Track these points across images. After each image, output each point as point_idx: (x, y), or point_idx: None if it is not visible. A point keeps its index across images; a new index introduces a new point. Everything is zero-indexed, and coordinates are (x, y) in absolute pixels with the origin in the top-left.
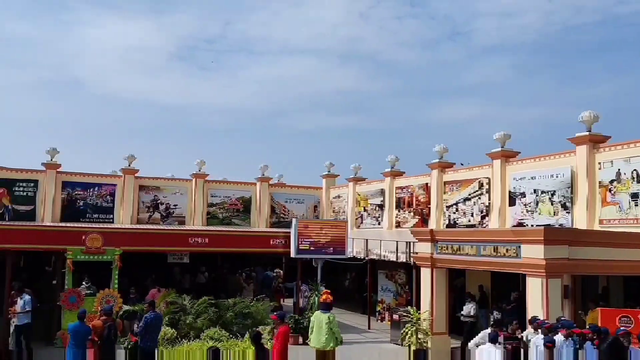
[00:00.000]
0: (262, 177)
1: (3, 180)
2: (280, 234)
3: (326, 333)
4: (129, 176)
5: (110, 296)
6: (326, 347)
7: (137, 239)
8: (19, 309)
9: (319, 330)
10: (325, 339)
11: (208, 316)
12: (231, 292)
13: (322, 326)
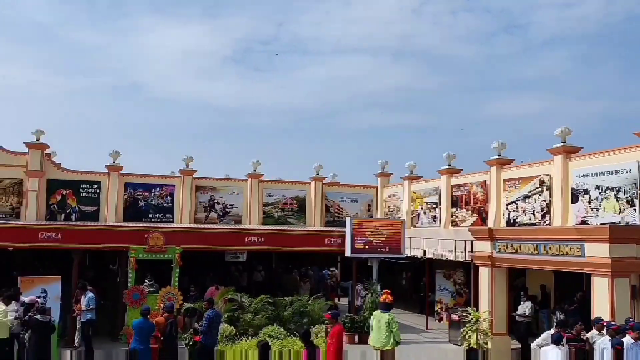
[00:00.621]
0: (316, 177)
1: (69, 182)
2: (335, 233)
3: (386, 332)
4: (187, 177)
5: (172, 294)
6: (385, 346)
7: (196, 238)
8: (83, 307)
9: (378, 330)
10: (385, 338)
11: (266, 314)
12: (287, 290)
13: (381, 326)
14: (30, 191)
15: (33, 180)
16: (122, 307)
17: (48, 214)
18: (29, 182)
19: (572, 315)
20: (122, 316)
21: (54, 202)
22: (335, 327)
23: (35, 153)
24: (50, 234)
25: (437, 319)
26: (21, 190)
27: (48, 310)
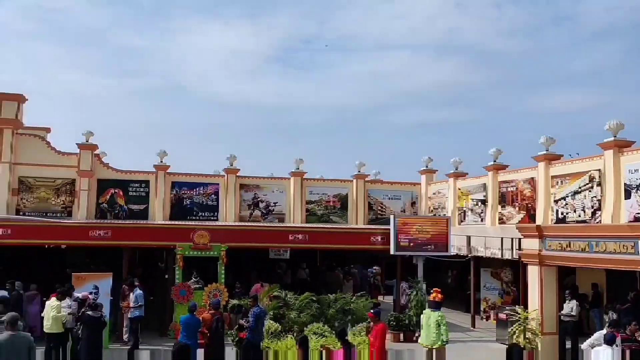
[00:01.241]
0: (359, 174)
1: (119, 181)
2: (379, 231)
3: (435, 331)
4: (231, 175)
5: (218, 290)
6: (435, 344)
7: (240, 236)
8: (131, 303)
9: (428, 328)
10: (434, 336)
11: (310, 312)
12: (331, 288)
13: (431, 324)
14: (81, 190)
15: (84, 180)
16: (170, 303)
17: (98, 213)
18: (80, 181)
19: (625, 315)
20: (170, 312)
21: (104, 201)
22: (378, 325)
23: (85, 154)
24: (101, 232)
25: (484, 317)
26: (73, 189)
27: (100, 306)
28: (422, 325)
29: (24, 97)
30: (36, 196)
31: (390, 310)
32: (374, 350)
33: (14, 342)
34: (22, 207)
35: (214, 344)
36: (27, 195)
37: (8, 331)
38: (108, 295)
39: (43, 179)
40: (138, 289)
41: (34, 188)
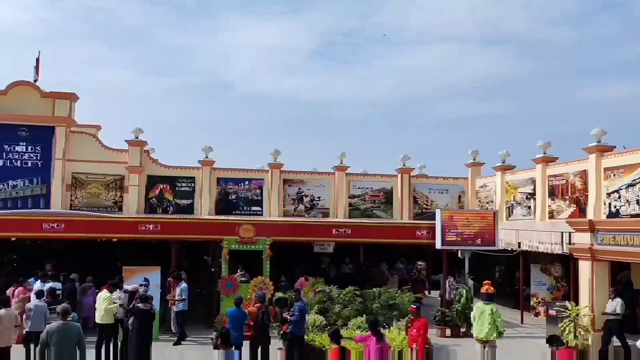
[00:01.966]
0: (403, 168)
1: (166, 177)
2: (424, 225)
3: (489, 324)
4: (275, 170)
5: (263, 283)
6: (489, 337)
7: (284, 230)
8: (176, 296)
9: (481, 321)
10: (488, 329)
11: (355, 306)
12: (375, 283)
13: (484, 317)
14: (130, 186)
15: (133, 175)
16: (217, 296)
17: (147, 207)
18: (130, 177)
19: None
20: (217, 305)
21: (153, 196)
22: (420, 320)
23: (135, 150)
24: (149, 226)
25: (533, 313)
26: (123, 185)
27: (150, 299)
28: (475, 318)
29: (76, 95)
30: (88, 192)
31: (436, 305)
32: (417, 343)
33: (65, 331)
34: (75, 203)
35: (260, 337)
36: (79, 191)
37: (59, 321)
38: (158, 287)
39: (94, 175)
40: (183, 282)
41: (86, 184)
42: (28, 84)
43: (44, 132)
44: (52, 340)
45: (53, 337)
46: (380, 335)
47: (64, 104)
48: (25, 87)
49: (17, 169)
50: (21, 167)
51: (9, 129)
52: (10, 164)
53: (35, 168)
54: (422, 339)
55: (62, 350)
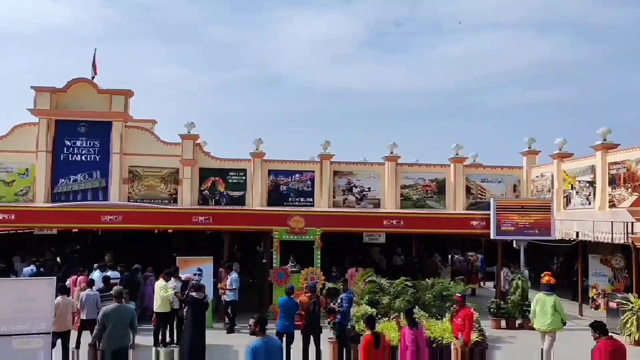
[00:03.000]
0: (456, 157)
1: (218, 170)
2: (478, 216)
3: (551, 315)
4: (325, 162)
5: (314, 274)
6: (551, 328)
7: (335, 221)
8: (227, 286)
9: (543, 312)
10: (550, 320)
11: (406, 297)
12: (427, 274)
13: (546, 308)
14: (184, 179)
15: (187, 168)
16: (269, 285)
17: (201, 199)
18: (184, 170)
19: None
20: (269, 294)
21: (206, 188)
22: (465, 309)
23: (188, 144)
24: (202, 217)
25: (592, 306)
26: (177, 178)
27: (203, 288)
28: (536, 309)
29: (131, 91)
30: (145, 184)
31: (491, 296)
32: (462, 332)
33: (119, 312)
34: (132, 195)
35: (311, 326)
36: (136, 183)
37: (115, 303)
38: (210, 277)
39: (150, 168)
40: (234, 272)
41: (142, 177)
42: (86, 81)
43: (102, 127)
44: (108, 320)
45: (109, 318)
46: (415, 322)
47: (120, 99)
48: (83, 85)
49: (78, 164)
50: (81, 162)
51: (69, 125)
52: (71, 158)
53: (94, 162)
54: (467, 328)
55: (117, 329)
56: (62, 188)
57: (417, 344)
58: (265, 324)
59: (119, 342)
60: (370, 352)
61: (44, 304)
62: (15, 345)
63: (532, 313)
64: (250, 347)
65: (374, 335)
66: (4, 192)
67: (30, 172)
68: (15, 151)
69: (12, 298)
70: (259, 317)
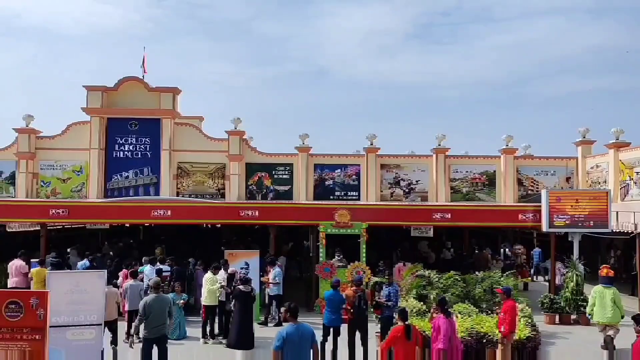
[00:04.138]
0: (507, 149)
1: (265, 165)
2: (530, 208)
3: (611, 308)
4: (372, 155)
5: (360, 268)
6: (613, 321)
7: (381, 214)
8: (270, 279)
9: (602, 305)
10: (611, 313)
11: (455, 291)
12: (478, 268)
13: (606, 301)
14: (232, 174)
15: (234, 164)
16: (316, 279)
17: (248, 194)
18: (231, 166)
19: None
20: (316, 288)
21: (253, 183)
22: (507, 302)
23: (234, 139)
24: (249, 211)
25: None
26: (224, 173)
27: (250, 281)
28: (595, 303)
29: (179, 89)
30: (193, 180)
31: (544, 291)
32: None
33: (158, 302)
34: (181, 190)
35: (357, 320)
36: (185, 179)
37: (153, 294)
38: (257, 270)
39: (198, 164)
40: (277, 266)
41: (190, 173)
42: (136, 79)
43: (152, 124)
44: (148, 310)
45: (149, 308)
46: (448, 312)
47: (169, 97)
48: (133, 83)
49: (129, 160)
50: (132, 158)
51: (120, 123)
52: (123, 155)
53: (145, 159)
54: (508, 320)
55: (157, 317)
56: (115, 184)
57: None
58: (296, 311)
59: (159, 330)
60: (399, 342)
61: (96, 296)
62: (70, 336)
63: (589, 307)
64: (282, 332)
65: (406, 326)
66: (60, 188)
67: (84, 169)
68: (70, 149)
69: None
70: (289, 305)
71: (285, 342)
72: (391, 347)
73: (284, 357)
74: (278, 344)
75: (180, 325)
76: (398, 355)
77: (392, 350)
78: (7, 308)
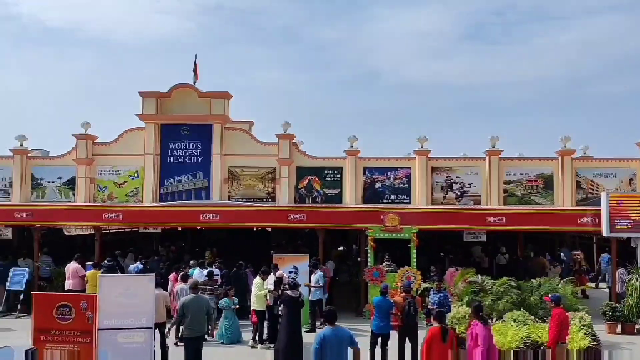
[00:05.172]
0: (564, 150)
1: (314, 168)
2: (589, 211)
3: None
4: (422, 157)
5: (410, 273)
6: None
7: (432, 218)
8: (312, 283)
9: None
10: None
11: (510, 298)
12: (534, 274)
13: None
14: (281, 178)
15: (284, 167)
16: (365, 284)
17: (297, 198)
18: (280, 169)
19: None
20: (364, 293)
21: (302, 186)
22: (555, 310)
23: (284, 143)
24: (296, 215)
25: None
26: (274, 177)
27: (298, 286)
28: None
29: (230, 94)
30: (244, 184)
31: (604, 299)
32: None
33: (196, 302)
34: (232, 194)
35: (407, 327)
36: (236, 183)
37: (192, 294)
38: (306, 275)
39: (248, 168)
40: (319, 270)
41: (241, 177)
42: (187, 86)
43: (203, 129)
44: (186, 310)
45: (187, 308)
46: (485, 320)
47: (220, 102)
48: (185, 89)
49: (182, 165)
50: (185, 163)
51: (173, 129)
52: (175, 160)
53: (197, 164)
54: (552, 329)
55: (195, 317)
56: (168, 189)
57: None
58: (331, 315)
59: (197, 329)
60: (435, 344)
61: (146, 299)
62: (120, 339)
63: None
64: (320, 334)
65: (442, 329)
66: (116, 193)
67: (139, 173)
68: (126, 154)
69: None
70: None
71: (323, 344)
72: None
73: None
74: (317, 346)
75: (235, 329)
76: (433, 357)
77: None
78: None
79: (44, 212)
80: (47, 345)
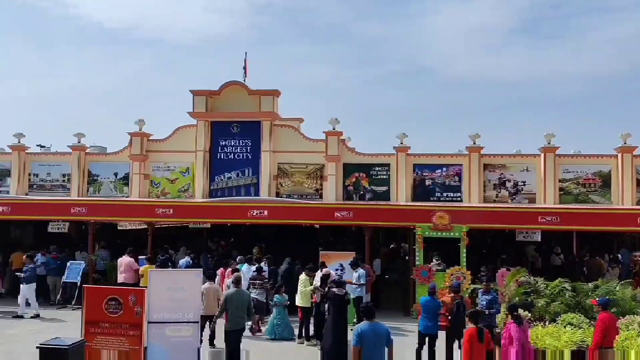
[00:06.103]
0: (624, 147)
1: (363, 165)
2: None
3: None
4: (474, 154)
5: (460, 273)
6: None
7: (483, 217)
8: (354, 281)
9: None
10: None
11: (564, 300)
12: (591, 276)
13: None
14: (329, 175)
15: (331, 164)
16: (413, 283)
17: (345, 195)
18: (328, 166)
19: None
20: (413, 293)
21: (350, 183)
22: (601, 314)
23: (332, 140)
24: (343, 212)
25: None
26: (322, 174)
27: (344, 284)
28: None
29: (279, 91)
30: (292, 180)
31: None
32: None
33: (237, 296)
34: (281, 191)
35: (455, 328)
36: (284, 180)
37: (234, 288)
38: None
39: (297, 164)
40: (360, 268)
41: (289, 173)
42: (237, 83)
43: (252, 126)
44: (229, 303)
45: (230, 301)
46: (520, 320)
47: (269, 100)
48: (235, 87)
49: (231, 162)
50: (234, 160)
51: (223, 126)
52: (225, 157)
53: (246, 160)
54: (596, 333)
55: (237, 311)
56: (219, 185)
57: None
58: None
59: (238, 322)
60: (474, 345)
61: (193, 294)
62: (168, 332)
63: None
64: (357, 329)
65: (478, 329)
66: (169, 188)
67: (190, 170)
68: (178, 151)
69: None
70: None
71: (361, 339)
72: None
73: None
74: (356, 340)
75: (285, 326)
76: (475, 357)
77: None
78: (107, 304)
79: (98, 207)
80: (96, 337)
